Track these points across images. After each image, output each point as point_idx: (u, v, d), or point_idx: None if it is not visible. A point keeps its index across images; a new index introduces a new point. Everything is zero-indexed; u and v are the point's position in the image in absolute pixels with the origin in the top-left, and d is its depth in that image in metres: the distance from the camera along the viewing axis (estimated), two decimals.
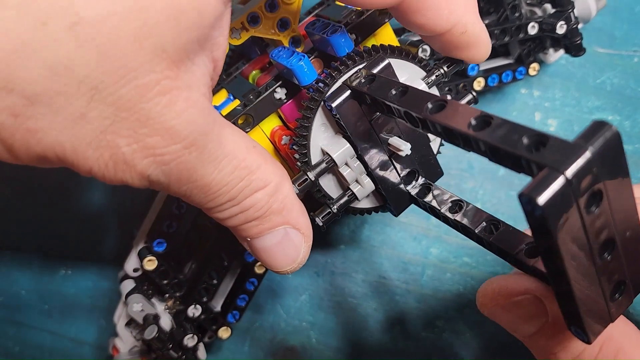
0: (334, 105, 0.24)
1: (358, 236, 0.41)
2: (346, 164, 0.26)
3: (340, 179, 0.27)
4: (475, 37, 0.24)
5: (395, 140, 0.24)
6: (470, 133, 0.16)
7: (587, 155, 0.14)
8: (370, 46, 0.26)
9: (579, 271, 0.15)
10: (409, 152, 0.24)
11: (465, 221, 0.24)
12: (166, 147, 0.18)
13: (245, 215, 0.22)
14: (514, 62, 0.39)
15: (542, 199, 0.13)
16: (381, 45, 0.26)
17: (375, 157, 0.26)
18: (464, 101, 0.27)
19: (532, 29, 0.36)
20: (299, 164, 0.27)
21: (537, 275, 0.20)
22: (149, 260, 0.32)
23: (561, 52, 0.40)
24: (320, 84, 0.25)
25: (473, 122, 0.16)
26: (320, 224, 0.26)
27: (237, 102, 0.30)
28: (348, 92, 0.24)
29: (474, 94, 0.27)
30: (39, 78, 0.16)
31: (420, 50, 0.32)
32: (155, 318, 0.34)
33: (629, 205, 0.16)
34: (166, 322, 0.35)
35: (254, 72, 0.32)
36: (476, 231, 0.23)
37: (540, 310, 0.20)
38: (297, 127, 0.26)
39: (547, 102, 0.43)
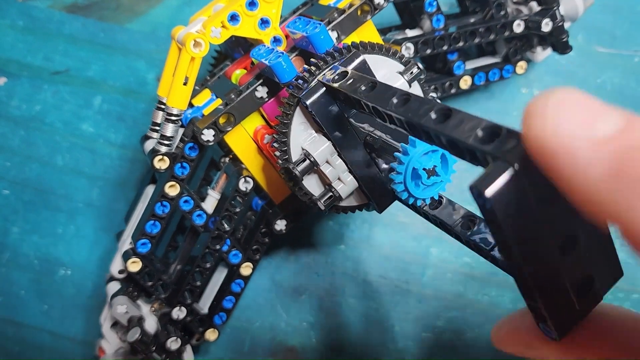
0: (308, 102, 0.24)
1: (358, 236, 0.41)
2: (327, 162, 0.26)
3: (322, 176, 0.27)
4: None
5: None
6: (430, 126, 0.16)
7: None
8: (350, 43, 0.26)
9: (538, 267, 0.15)
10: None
11: (443, 217, 0.23)
12: None
13: None
14: (501, 61, 0.39)
15: (490, 191, 0.13)
16: (361, 42, 0.26)
17: (356, 154, 0.26)
18: None
19: (518, 27, 0.36)
20: (280, 161, 0.27)
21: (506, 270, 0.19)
22: (133, 262, 0.32)
23: (549, 50, 0.40)
24: (300, 81, 0.25)
25: (433, 115, 0.16)
26: (322, 207, 0.26)
27: (219, 101, 0.30)
28: (323, 90, 0.24)
29: (434, 94, 0.27)
30: None
31: (403, 47, 0.32)
32: (140, 320, 0.33)
33: None
34: (151, 324, 0.34)
35: (237, 71, 0.32)
36: (454, 228, 0.23)
37: None
38: (277, 124, 0.26)
39: None
